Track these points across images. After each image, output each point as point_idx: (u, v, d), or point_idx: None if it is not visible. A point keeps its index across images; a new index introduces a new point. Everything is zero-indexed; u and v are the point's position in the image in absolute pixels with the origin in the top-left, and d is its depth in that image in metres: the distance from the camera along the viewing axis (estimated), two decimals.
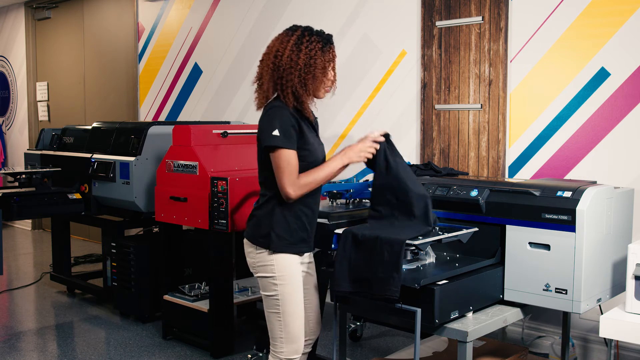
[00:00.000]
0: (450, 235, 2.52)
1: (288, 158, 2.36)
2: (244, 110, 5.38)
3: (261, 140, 2.42)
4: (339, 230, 2.77)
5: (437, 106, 4.10)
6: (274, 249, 2.46)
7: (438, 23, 4.06)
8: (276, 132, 2.35)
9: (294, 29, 2.47)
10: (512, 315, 2.63)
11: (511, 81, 3.80)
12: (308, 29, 2.46)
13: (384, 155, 2.52)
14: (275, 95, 2.45)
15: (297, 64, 2.38)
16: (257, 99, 2.51)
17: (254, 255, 2.52)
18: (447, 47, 4.04)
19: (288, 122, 2.38)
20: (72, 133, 5.13)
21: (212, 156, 3.83)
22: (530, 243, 2.58)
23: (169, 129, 4.34)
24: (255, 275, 2.54)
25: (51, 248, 5.36)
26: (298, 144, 2.41)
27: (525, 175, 3.76)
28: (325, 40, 2.45)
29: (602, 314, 2.50)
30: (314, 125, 2.57)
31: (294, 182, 2.37)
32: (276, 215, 2.46)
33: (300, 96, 2.41)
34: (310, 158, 2.46)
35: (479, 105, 3.91)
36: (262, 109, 2.48)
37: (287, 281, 2.47)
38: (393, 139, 2.60)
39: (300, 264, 2.56)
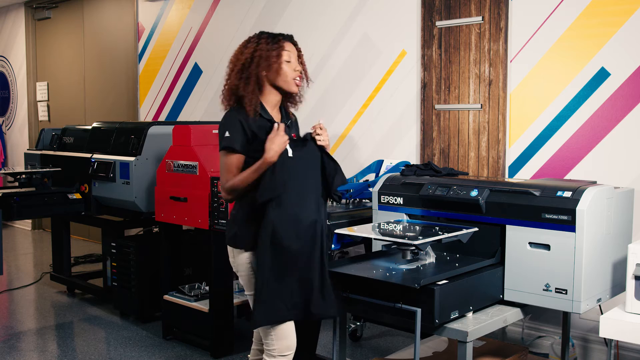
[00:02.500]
0: (450, 235, 2.52)
1: (226, 160, 2.45)
2: None
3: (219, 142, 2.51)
4: (339, 231, 2.77)
5: (437, 106, 4.10)
6: (241, 247, 2.53)
7: (438, 23, 4.06)
8: (227, 134, 2.45)
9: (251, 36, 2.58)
10: (512, 315, 2.63)
11: (511, 81, 3.80)
12: (259, 33, 2.56)
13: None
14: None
15: (241, 61, 2.49)
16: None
17: (232, 255, 2.60)
18: (447, 47, 4.04)
19: (236, 125, 2.46)
20: (72, 133, 5.13)
21: (212, 156, 3.83)
22: (530, 243, 2.58)
23: (169, 129, 4.34)
24: (237, 274, 2.61)
25: (51, 248, 5.36)
26: (249, 150, 2.47)
27: (525, 175, 3.76)
28: (273, 36, 2.53)
29: (602, 314, 2.50)
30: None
31: (223, 184, 2.47)
32: (237, 215, 2.54)
33: (237, 90, 2.48)
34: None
35: (479, 105, 3.91)
36: None
37: None
38: (393, 139, 2.59)
39: None
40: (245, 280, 2.57)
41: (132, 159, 4.28)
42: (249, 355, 3.66)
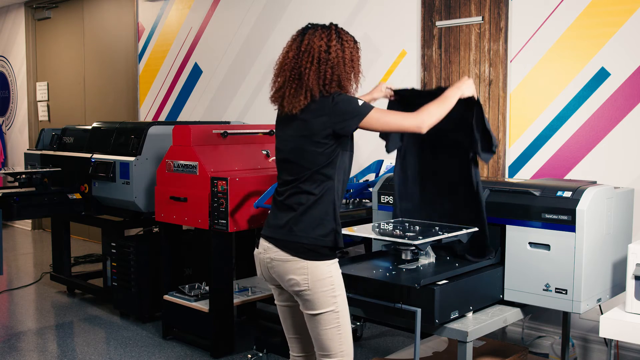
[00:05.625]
0: (450, 235, 2.52)
1: (382, 111, 2.28)
2: (244, 110, 5.38)
3: (350, 119, 2.24)
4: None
5: None
6: (330, 255, 2.27)
7: (438, 23, 4.06)
8: (360, 102, 2.27)
9: (325, 26, 2.35)
10: (512, 315, 2.63)
11: (511, 81, 3.80)
12: (336, 25, 2.38)
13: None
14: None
15: (344, 58, 2.30)
16: (295, 96, 2.29)
17: (306, 272, 2.23)
18: (447, 47, 4.04)
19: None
20: (72, 133, 5.12)
21: (212, 156, 3.83)
22: (530, 243, 2.58)
23: (169, 129, 4.34)
24: (305, 294, 2.26)
25: (51, 248, 5.36)
26: (348, 143, 2.33)
27: (525, 175, 3.76)
28: (354, 37, 2.41)
29: (602, 314, 2.50)
30: None
31: (414, 115, 2.29)
32: (328, 217, 2.28)
33: (344, 89, 2.31)
34: (351, 159, 2.38)
35: None
36: (317, 103, 2.27)
37: (342, 288, 2.31)
38: None
39: None
40: (323, 298, 2.25)
41: (132, 159, 4.28)
42: (248, 355, 3.67)
